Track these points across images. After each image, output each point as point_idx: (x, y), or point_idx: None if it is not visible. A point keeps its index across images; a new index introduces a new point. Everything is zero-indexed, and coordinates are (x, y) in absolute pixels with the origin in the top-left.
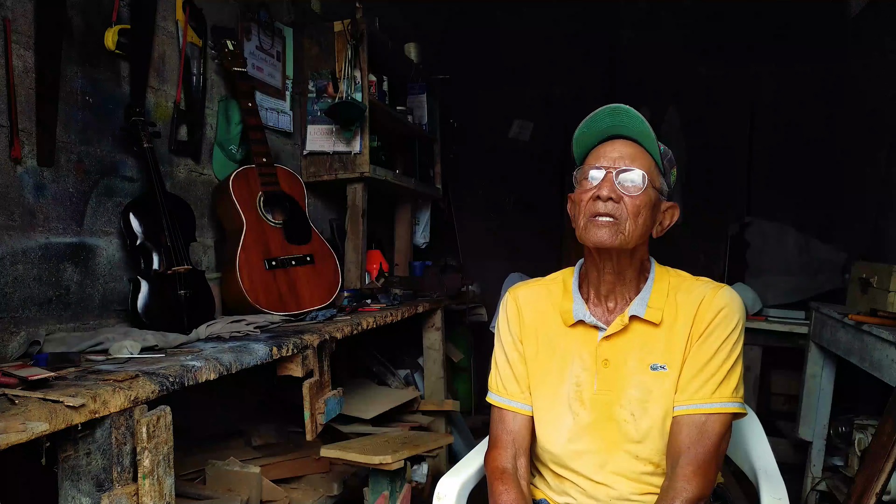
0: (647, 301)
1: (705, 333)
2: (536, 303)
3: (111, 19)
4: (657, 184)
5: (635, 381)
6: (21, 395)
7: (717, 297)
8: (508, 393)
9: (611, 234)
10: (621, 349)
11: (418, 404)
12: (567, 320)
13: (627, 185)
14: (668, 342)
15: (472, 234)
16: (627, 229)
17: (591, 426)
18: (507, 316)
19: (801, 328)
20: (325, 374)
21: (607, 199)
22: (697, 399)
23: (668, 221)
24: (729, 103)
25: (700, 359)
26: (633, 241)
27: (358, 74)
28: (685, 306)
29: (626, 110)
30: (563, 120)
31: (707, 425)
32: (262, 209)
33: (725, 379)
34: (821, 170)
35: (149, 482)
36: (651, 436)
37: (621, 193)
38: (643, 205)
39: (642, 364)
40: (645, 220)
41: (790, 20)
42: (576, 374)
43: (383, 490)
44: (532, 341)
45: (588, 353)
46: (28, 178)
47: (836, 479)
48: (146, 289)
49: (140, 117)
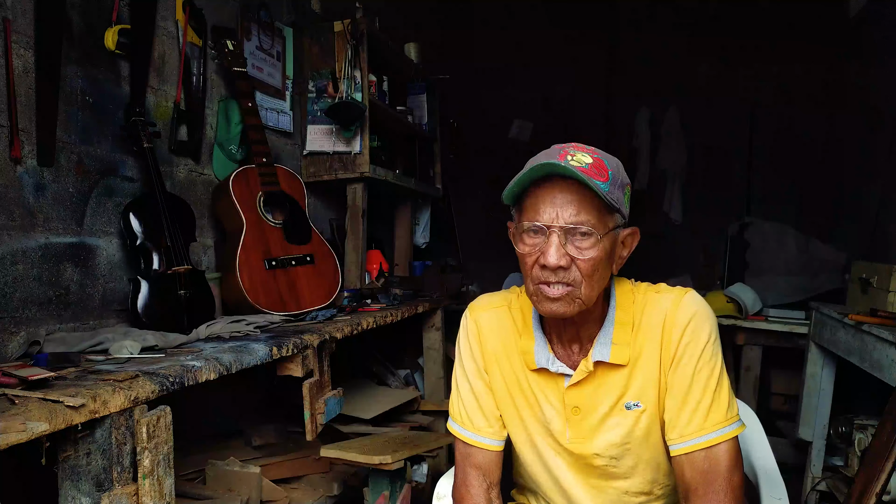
0: (611, 338)
1: (677, 356)
2: (499, 331)
3: (111, 19)
4: (609, 224)
5: (611, 424)
6: (21, 395)
7: (679, 309)
8: (475, 427)
9: (566, 305)
10: (590, 395)
11: (418, 404)
12: (529, 364)
13: (578, 242)
14: (640, 377)
15: (472, 234)
16: (584, 294)
17: (573, 470)
18: (469, 340)
19: (801, 328)
20: (325, 374)
21: (556, 269)
22: (690, 434)
23: (626, 251)
24: (729, 103)
25: (680, 388)
26: (592, 300)
27: (358, 74)
28: (649, 331)
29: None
30: (563, 120)
31: (710, 460)
32: (262, 209)
33: (714, 403)
34: (821, 170)
35: (149, 482)
36: (638, 470)
37: (572, 256)
38: (598, 261)
39: (616, 405)
40: (602, 275)
41: (790, 20)
42: (548, 418)
43: (383, 490)
44: (496, 373)
45: (556, 398)
46: (28, 178)
47: (836, 479)
48: (146, 289)
49: (140, 117)
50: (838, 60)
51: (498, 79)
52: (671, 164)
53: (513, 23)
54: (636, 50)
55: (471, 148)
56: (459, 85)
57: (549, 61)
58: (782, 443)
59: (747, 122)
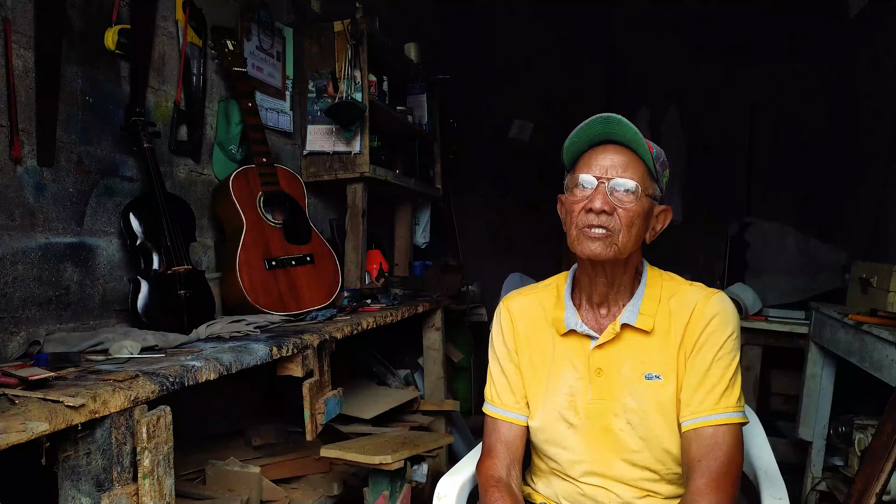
0: (639, 308)
1: (699, 343)
2: (530, 313)
3: (111, 19)
4: (650, 190)
5: (630, 391)
6: (21, 395)
7: (709, 304)
8: (503, 403)
9: (604, 247)
10: (614, 357)
11: (418, 404)
12: (559, 329)
13: (621, 195)
14: (662, 351)
15: (472, 234)
16: (621, 241)
17: (587, 435)
18: (502, 327)
19: (801, 328)
20: (325, 374)
21: (600, 212)
22: (702, 412)
23: (660, 226)
24: (729, 103)
25: (699, 370)
26: (626, 251)
27: (358, 74)
28: (677, 313)
29: (618, 119)
30: (563, 120)
31: (716, 437)
32: (262, 209)
33: (728, 389)
34: (821, 170)
35: (149, 482)
36: (649, 445)
37: (614, 205)
38: (637, 215)
39: (636, 373)
40: (638, 230)
41: (790, 20)
42: (569, 383)
43: (383, 490)
44: (526, 352)
45: (581, 361)
46: (28, 178)
47: (836, 479)
48: (146, 289)
49: (140, 117)
50: (838, 61)
51: (498, 79)
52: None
53: (513, 23)
54: (636, 50)
55: (471, 148)
56: (459, 85)
57: (549, 61)
58: (782, 443)
59: (747, 122)
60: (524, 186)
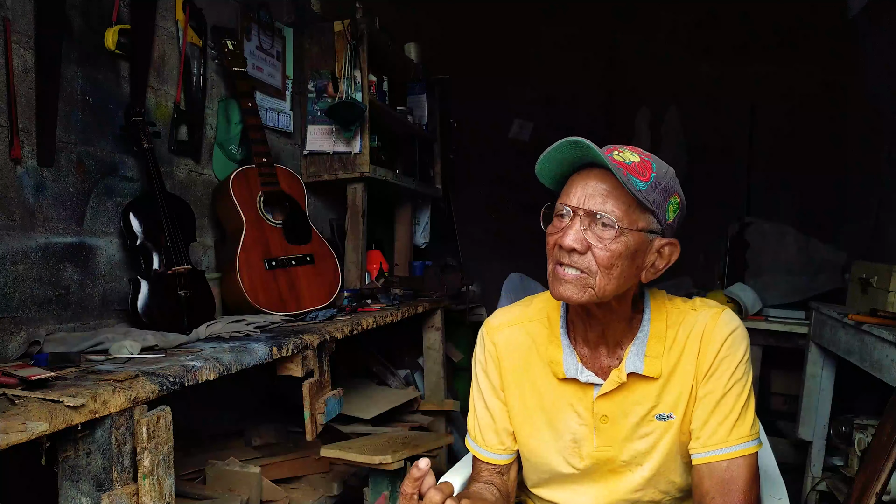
0: (645, 350)
1: (711, 369)
2: (517, 347)
3: (111, 19)
4: (640, 224)
5: (640, 434)
6: (21, 395)
7: (717, 325)
8: (487, 444)
9: (577, 291)
10: (620, 404)
11: (418, 404)
12: (557, 374)
13: (598, 230)
14: (674, 390)
15: (472, 234)
16: (598, 284)
17: (590, 478)
18: (486, 359)
19: (801, 328)
20: (325, 374)
21: (570, 250)
22: (714, 444)
23: (663, 263)
24: (729, 103)
25: (712, 398)
26: (607, 295)
27: (358, 74)
28: (687, 343)
29: (587, 145)
30: (563, 120)
31: (731, 471)
32: (262, 209)
33: (741, 418)
34: (821, 170)
35: (149, 482)
36: (655, 482)
37: (589, 242)
38: (617, 254)
39: (647, 416)
40: (623, 272)
41: (790, 20)
42: (572, 429)
43: (383, 490)
44: (515, 391)
45: (584, 407)
46: (28, 178)
47: (836, 479)
48: (146, 289)
49: (140, 117)
50: (838, 60)
51: (498, 78)
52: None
53: (513, 22)
54: (636, 50)
55: (471, 148)
56: (459, 85)
57: (549, 61)
58: (782, 443)
59: (747, 122)
60: (524, 186)
